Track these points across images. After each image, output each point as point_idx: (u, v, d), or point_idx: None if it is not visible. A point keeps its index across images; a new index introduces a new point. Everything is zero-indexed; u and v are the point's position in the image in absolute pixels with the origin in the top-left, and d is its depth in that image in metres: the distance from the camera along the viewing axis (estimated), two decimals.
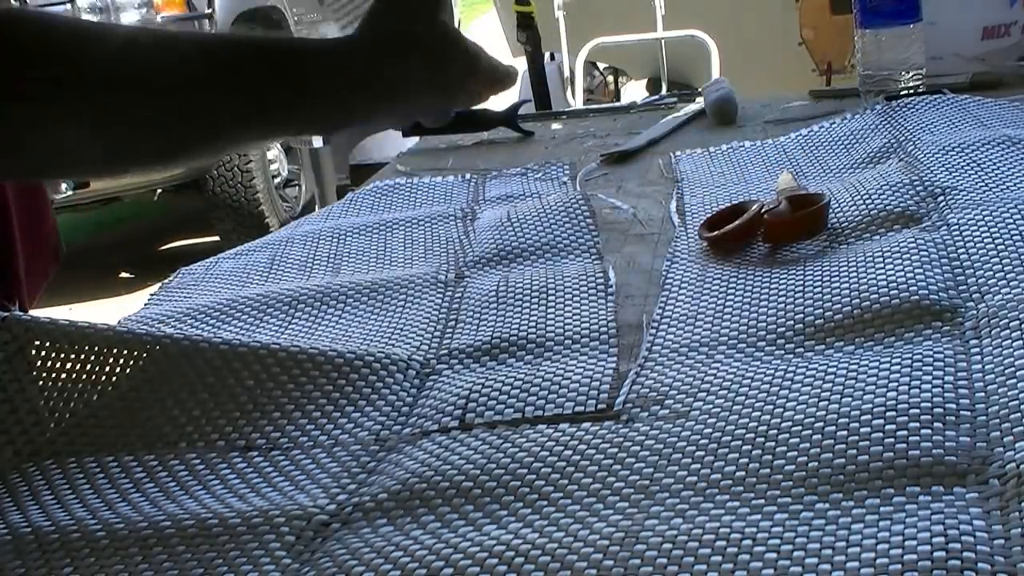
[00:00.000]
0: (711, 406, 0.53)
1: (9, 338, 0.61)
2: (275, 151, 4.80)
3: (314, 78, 0.63)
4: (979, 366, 0.53)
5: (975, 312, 0.58)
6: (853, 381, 0.52)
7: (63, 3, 3.85)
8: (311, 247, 0.90)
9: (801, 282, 0.67)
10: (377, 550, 0.45)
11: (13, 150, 0.54)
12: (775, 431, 0.49)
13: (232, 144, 0.81)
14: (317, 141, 3.62)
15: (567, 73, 4.10)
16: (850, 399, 0.50)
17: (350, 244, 0.90)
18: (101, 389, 0.61)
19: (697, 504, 0.45)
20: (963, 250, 0.66)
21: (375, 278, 0.80)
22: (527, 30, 4.07)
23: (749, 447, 0.48)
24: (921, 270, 0.64)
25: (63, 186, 3.63)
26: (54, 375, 0.61)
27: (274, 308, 0.77)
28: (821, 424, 0.49)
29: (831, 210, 0.76)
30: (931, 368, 0.52)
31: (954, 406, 0.49)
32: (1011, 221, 0.68)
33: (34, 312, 0.66)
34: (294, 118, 0.63)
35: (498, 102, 0.96)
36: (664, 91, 3.33)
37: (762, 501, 0.44)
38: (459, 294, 0.75)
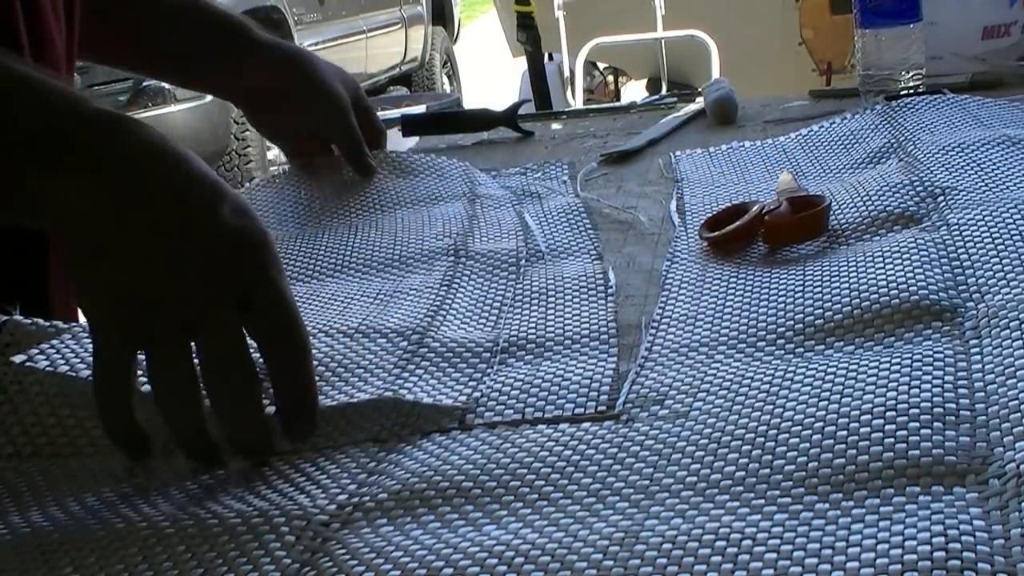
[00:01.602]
0: (711, 406, 0.53)
1: (10, 340, 0.61)
2: (275, 151, 4.81)
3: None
4: (979, 366, 0.53)
5: (975, 312, 0.58)
6: (853, 381, 0.52)
7: None
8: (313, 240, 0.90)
9: (801, 282, 0.67)
10: (377, 550, 0.45)
11: None
12: (775, 431, 0.49)
13: None
14: None
15: (567, 73, 4.11)
16: (850, 399, 0.50)
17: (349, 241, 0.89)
18: None
19: (697, 504, 0.45)
20: (963, 250, 0.66)
21: (372, 280, 0.80)
22: (527, 30, 4.08)
23: (749, 447, 0.48)
24: (921, 270, 0.64)
25: None
26: (55, 376, 0.61)
27: None
28: (821, 424, 0.49)
29: (831, 212, 0.76)
30: (931, 368, 0.52)
31: (954, 406, 0.49)
32: (1011, 221, 0.68)
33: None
34: None
35: (498, 102, 0.98)
36: (664, 91, 3.33)
37: (762, 501, 0.44)
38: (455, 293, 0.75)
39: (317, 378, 0.59)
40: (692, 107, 1.27)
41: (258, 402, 0.54)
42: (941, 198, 0.75)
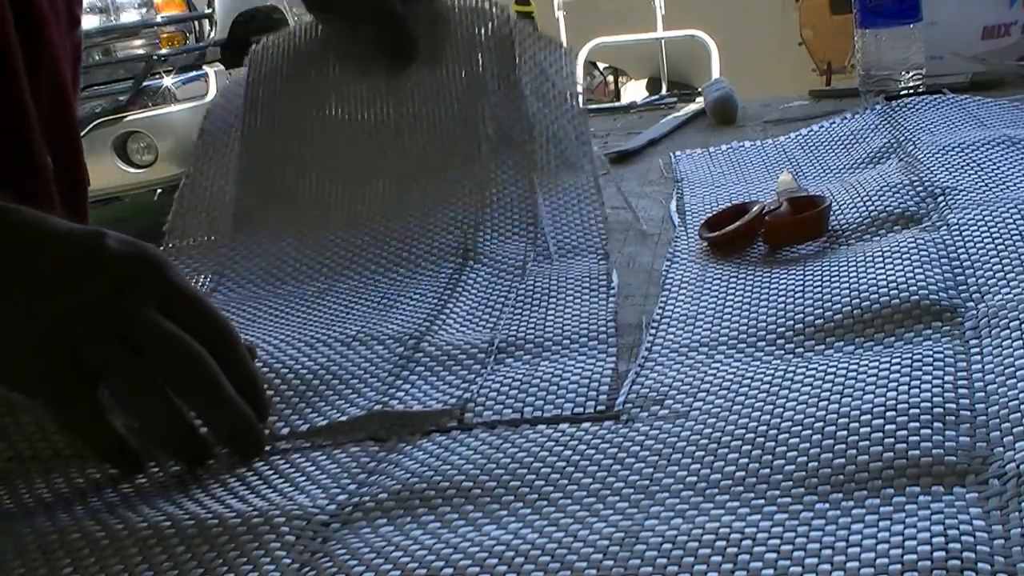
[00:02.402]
0: (711, 406, 0.53)
1: None
2: None
3: None
4: (979, 366, 0.53)
5: (975, 312, 0.58)
6: (853, 381, 0.52)
7: None
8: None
9: (801, 282, 0.67)
10: (377, 550, 0.45)
11: None
12: (775, 431, 0.49)
13: None
14: None
15: None
16: (850, 399, 0.50)
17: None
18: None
19: (697, 504, 0.45)
20: (963, 250, 0.66)
21: (379, 280, 0.79)
22: None
23: (749, 447, 0.48)
24: (921, 270, 0.64)
25: None
26: None
27: (273, 301, 0.77)
28: (821, 424, 0.49)
29: (831, 212, 0.76)
30: (931, 368, 0.52)
31: (954, 406, 0.49)
32: (1011, 221, 0.68)
33: None
34: None
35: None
36: (664, 91, 3.33)
37: (762, 501, 0.44)
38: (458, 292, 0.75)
39: (312, 393, 0.60)
40: (692, 107, 1.27)
41: (229, 387, 0.55)
42: (941, 198, 0.75)
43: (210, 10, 4.52)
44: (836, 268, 0.67)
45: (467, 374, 0.62)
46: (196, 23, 4.50)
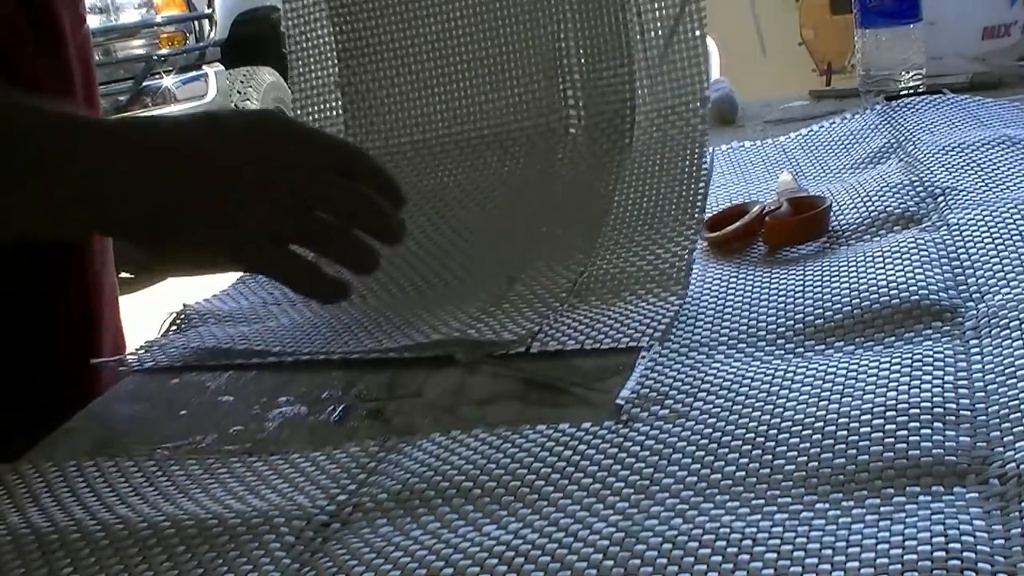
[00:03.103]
0: (711, 406, 0.53)
1: None
2: None
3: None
4: (979, 366, 0.53)
5: (975, 312, 0.58)
6: (853, 381, 0.52)
7: None
8: None
9: (801, 282, 0.67)
10: (377, 550, 0.45)
11: None
12: (775, 431, 0.49)
13: None
14: None
15: None
16: (850, 399, 0.50)
17: None
18: None
19: (697, 504, 0.45)
20: (963, 250, 0.66)
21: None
22: None
23: (749, 447, 0.48)
24: (921, 270, 0.64)
25: None
26: None
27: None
28: (821, 424, 0.49)
29: (831, 212, 0.76)
30: (931, 368, 0.52)
31: (954, 406, 0.49)
32: (1011, 221, 0.68)
33: None
34: None
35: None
36: None
37: (762, 501, 0.44)
38: None
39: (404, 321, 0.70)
40: None
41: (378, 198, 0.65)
42: (941, 198, 0.75)
43: (210, 10, 4.52)
44: (836, 268, 0.67)
45: (544, 310, 0.68)
46: (196, 23, 4.50)
